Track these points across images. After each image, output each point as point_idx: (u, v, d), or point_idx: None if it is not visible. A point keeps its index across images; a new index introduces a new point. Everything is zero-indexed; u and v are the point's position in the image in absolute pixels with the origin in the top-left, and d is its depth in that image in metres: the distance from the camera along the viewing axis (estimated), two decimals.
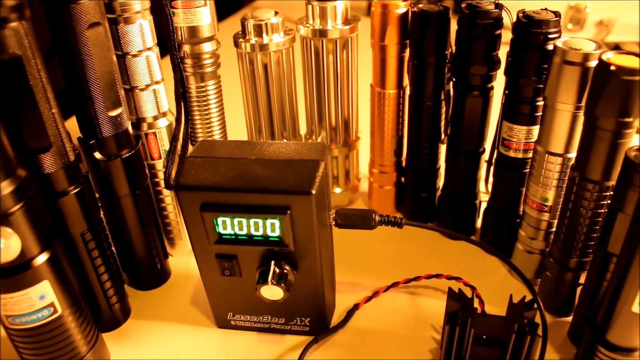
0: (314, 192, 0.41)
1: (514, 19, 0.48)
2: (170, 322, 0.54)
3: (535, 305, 0.46)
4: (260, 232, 0.44)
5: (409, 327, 0.51)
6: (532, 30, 0.47)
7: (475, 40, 0.50)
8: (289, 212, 0.42)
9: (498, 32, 0.50)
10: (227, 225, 0.44)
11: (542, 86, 0.48)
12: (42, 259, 0.41)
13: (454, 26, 0.52)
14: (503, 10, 0.49)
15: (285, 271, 0.45)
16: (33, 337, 0.43)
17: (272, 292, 0.45)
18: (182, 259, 0.61)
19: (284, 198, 0.42)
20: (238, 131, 0.67)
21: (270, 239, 0.44)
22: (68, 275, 0.44)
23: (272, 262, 0.45)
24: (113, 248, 0.53)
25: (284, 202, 0.42)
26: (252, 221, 0.43)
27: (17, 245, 0.39)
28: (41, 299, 0.41)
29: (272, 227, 0.43)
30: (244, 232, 0.44)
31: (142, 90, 0.51)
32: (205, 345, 0.51)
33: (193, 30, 0.53)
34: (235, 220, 0.44)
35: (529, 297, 0.49)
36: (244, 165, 0.43)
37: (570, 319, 0.51)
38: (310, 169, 0.43)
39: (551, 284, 0.51)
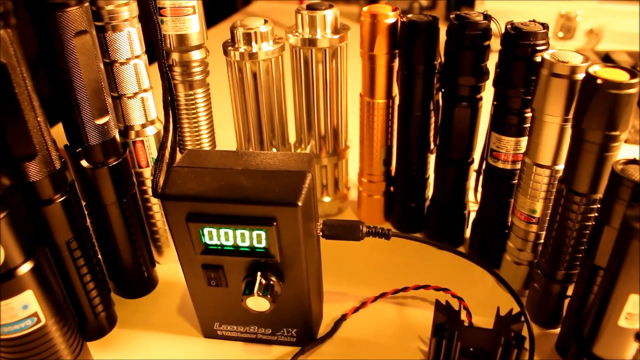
0: (300, 203, 0.41)
1: (503, 30, 0.48)
2: (156, 331, 0.53)
3: (523, 318, 0.46)
4: (247, 243, 0.44)
5: (397, 337, 0.51)
6: (520, 42, 0.47)
7: (463, 51, 0.50)
8: (275, 223, 0.42)
9: (486, 43, 0.50)
10: (213, 235, 0.44)
11: (530, 98, 0.48)
12: (25, 268, 0.40)
13: (443, 36, 0.52)
14: (492, 21, 0.49)
15: (271, 282, 0.45)
16: (16, 347, 0.42)
17: (258, 303, 0.45)
18: (170, 267, 0.61)
19: (269, 209, 0.42)
20: (227, 139, 0.67)
21: (257, 249, 0.44)
22: (52, 284, 0.43)
23: (259, 273, 0.45)
24: (99, 256, 0.53)
25: (269, 213, 0.42)
26: (238, 232, 0.43)
27: (0, 256, 0.38)
28: (24, 309, 0.41)
29: (258, 238, 0.43)
30: (230, 242, 0.44)
31: (130, 98, 0.51)
32: (191, 355, 0.51)
33: (182, 39, 0.52)
34: (222, 231, 0.43)
35: (516, 309, 0.49)
36: (231, 175, 0.43)
37: (558, 330, 0.51)
38: (297, 180, 0.42)
39: (539, 295, 0.51)
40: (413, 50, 0.53)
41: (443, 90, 0.54)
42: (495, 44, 0.48)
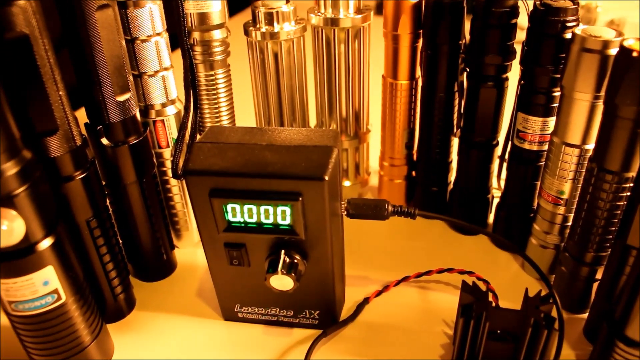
0: (326, 178, 0.40)
1: (531, 8, 0.47)
2: (175, 314, 0.52)
3: (552, 300, 0.45)
4: (271, 220, 0.43)
5: (420, 321, 0.50)
6: (549, 18, 0.46)
7: (490, 30, 0.49)
8: (300, 198, 0.41)
9: (514, 21, 0.49)
10: (236, 212, 0.43)
11: (559, 76, 0.47)
12: (46, 243, 0.40)
13: (468, 16, 0.51)
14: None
15: (295, 261, 0.44)
16: (36, 324, 0.42)
17: (281, 282, 0.44)
18: (189, 251, 0.60)
19: (295, 184, 0.41)
20: (247, 121, 0.65)
21: (281, 227, 0.43)
22: (72, 261, 0.43)
23: (282, 251, 0.44)
24: (119, 237, 0.52)
25: (295, 188, 0.41)
26: (262, 208, 0.42)
27: (21, 229, 0.38)
28: (45, 285, 0.40)
29: (282, 214, 0.42)
30: (254, 219, 0.43)
31: (150, 76, 0.50)
32: (211, 338, 0.50)
33: (203, 17, 0.52)
34: (245, 207, 0.42)
35: (544, 291, 0.48)
36: (255, 150, 0.42)
37: (585, 315, 0.49)
38: (323, 155, 0.41)
39: (566, 279, 0.49)
40: (438, 30, 0.52)
41: (467, 70, 0.53)
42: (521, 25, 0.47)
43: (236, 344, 0.49)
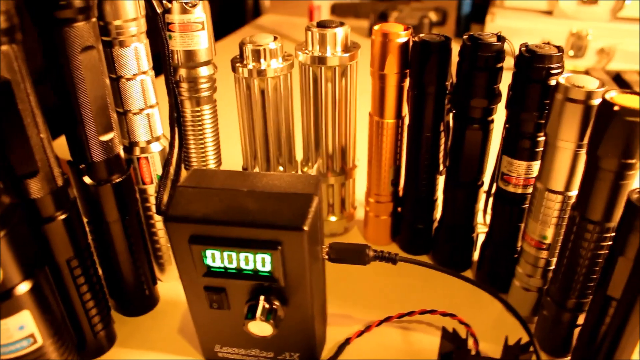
0: (306, 228, 0.40)
1: (517, 52, 0.48)
2: (156, 352, 0.52)
3: (532, 348, 0.45)
4: (251, 267, 0.43)
5: None
6: (534, 65, 0.46)
7: (476, 73, 0.49)
8: (280, 247, 0.41)
9: (500, 65, 0.49)
10: (216, 258, 0.43)
11: (543, 121, 0.47)
12: (23, 288, 0.39)
13: (455, 57, 0.51)
14: (505, 43, 0.48)
15: (274, 306, 0.44)
16: None
17: (260, 328, 0.44)
18: (172, 285, 0.60)
19: (275, 233, 0.41)
20: (233, 157, 0.66)
21: (261, 273, 0.43)
22: (51, 304, 0.42)
23: (262, 298, 0.44)
24: (100, 273, 0.52)
25: (275, 237, 0.41)
26: (242, 255, 0.42)
27: None
28: (20, 330, 0.40)
29: (262, 262, 0.42)
30: (234, 265, 0.43)
31: (135, 114, 0.50)
32: None
33: (190, 54, 0.52)
34: (225, 253, 0.42)
35: (524, 338, 0.48)
36: (236, 197, 0.42)
37: (568, 359, 0.49)
38: (303, 204, 0.41)
39: (548, 323, 0.49)
40: (424, 70, 0.52)
41: (454, 111, 0.53)
42: (507, 64, 0.47)
43: None
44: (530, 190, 0.51)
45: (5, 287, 0.38)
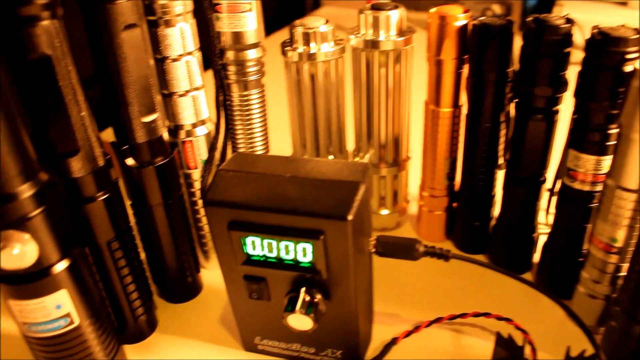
0: (350, 217, 0.37)
1: (587, 36, 0.43)
2: (196, 340, 0.51)
3: None
4: (291, 257, 0.41)
5: None
6: (607, 49, 0.41)
7: (541, 59, 0.45)
8: (322, 237, 0.39)
9: (567, 50, 0.45)
10: (256, 246, 0.41)
11: (616, 112, 0.43)
12: (60, 267, 0.39)
13: (518, 42, 0.47)
14: (574, 26, 0.44)
15: (315, 300, 0.42)
16: (49, 346, 0.41)
17: (300, 321, 0.42)
18: (216, 273, 0.58)
19: (317, 222, 0.38)
20: (282, 143, 0.64)
21: (302, 264, 0.41)
22: (88, 285, 0.42)
23: (303, 289, 0.42)
24: (143, 258, 0.51)
25: (317, 226, 0.39)
26: (282, 244, 0.40)
27: (34, 252, 0.37)
28: (57, 309, 0.40)
29: (303, 252, 0.40)
30: (274, 254, 0.41)
31: (180, 96, 0.49)
32: None
33: (237, 36, 0.50)
34: (265, 241, 0.40)
35: (589, 349, 0.44)
36: (277, 183, 0.40)
37: None
38: (349, 192, 0.39)
39: (617, 336, 0.45)
40: (484, 56, 0.48)
41: (516, 100, 0.49)
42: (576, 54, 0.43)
43: None
44: (598, 187, 0.47)
45: (42, 265, 0.38)
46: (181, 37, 0.46)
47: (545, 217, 0.58)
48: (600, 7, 1.04)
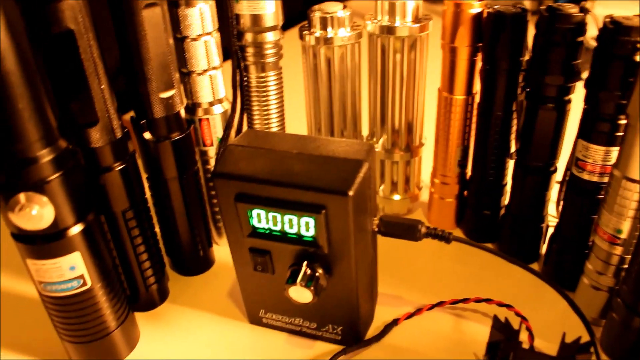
0: (351, 193, 0.39)
1: (600, 25, 0.43)
2: (204, 311, 0.53)
3: (592, 350, 0.41)
4: (295, 230, 0.42)
5: (449, 351, 0.47)
6: (619, 38, 0.41)
7: (553, 47, 0.45)
8: (324, 211, 0.40)
9: (580, 39, 0.45)
10: (261, 218, 0.42)
11: (626, 102, 0.43)
12: (75, 230, 0.41)
13: (532, 31, 0.48)
14: (588, 15, 0.44)
15: (317, 274, 0.43)
16: (62, 306, 0.43)
17: (300, 294, 0.43)
18: (228, 250, 0.59)
19: (319, 196, 0.40)
20: (298, 126, 0.65)
21: (305, 238, 0.42)
22: (102, 250, 0.44)
23: (305, 263, 0.43)
24: (157, 230, 0.53)
25: (319, 200, 0.40)
26: (286, 217, 0.41)
27: (50, 215, 0.39)
28: (71, 270, 0.42)
29: (306, 225, 0.41)
30: (278, 227, 0.42)
31: (199, 75, 0.50)
32: (235, 340, 0.50)
33: (256, 19, 0.51)
34: (270, 214, 0.42)
35: (586, 338, 0.44)
36: (284, 158, 0.42)
37: None
38: (352, 169, 0.40)
39: (617, 327, 0.45)
40: (498, 43, 0.49)
41: (528, 89, 0.49)
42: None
43: (257, 349, 0.49)
44: (607, 179, 0.47)
45: (58, 227, 0.40)
46: (200, 17, 0.48)
47: (555, 210, 0.58)
48: (635, 3, 1.02)
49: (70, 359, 0.47)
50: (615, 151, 0.45)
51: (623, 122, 0.44)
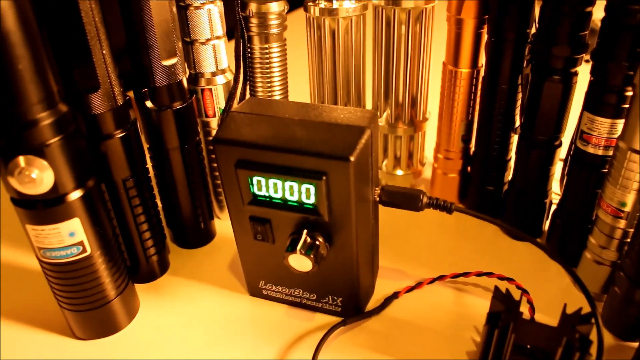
0: (352, 159, 0.38)
1: None
2: (204, 283, 0.53)
3: (593, 321, 0.40)
4: (295, 198, 0.42)
5: (450, 324, 0.47)
6: (628, 7, 0.41)
7: (560, 17, 0.45)
8: (324, 177, 0.39)
9: (588, 9, 0.44)
10: (262, 185, 0.42)
11: (632, 73, 0.42)
12: (75, 195, 0.41)
13: (539, 3, 0.47)
14: None
15: (317, 243, 0.43)
16: (61, 272, 0.43)
17: (300, 262, 0.43)
18: (228, 223, 0.59)
19: (320, 162, 0.39)
20: (301, 99, 0.65)
21: (305, 206, 0.42)
22: (101, 217, 0.43)
23: (305, 231, 0.43)
24: (158, 201, 0.53)
25: (320, 166, 0.39)
26: (287, 184, 0.41)
27: (50, 179, 0.39)
28: (71, 236, 0.41)
29: (307, 192, 0.41)
30: (279, 195, 0.42)
31: (202, 44, 0.50)
32: (234, 312, 0.50)
33: None
34: (270, 181, 0.41)
35: (586, 310, 0.44)
36: (286, 125, 0.41)
37: (636, 344, 0.44)
38: (354, 135, 0.40)
39: (619, 301, 0.45)
40: (504, 16, 0.48)
41: (534, 62, 0.48)
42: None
43: (257, 321, 0.49)
44: (612, 152, 0.46)
45: (57, 192, 0.40)
46: None
47: (560, 187, 0.57)
48: None
49: (70, 328, 0.47)
50: (621, 124, 0.45)
51: (630, 93, 0.44)
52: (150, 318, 0.49)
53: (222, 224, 0.60)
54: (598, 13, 0.44)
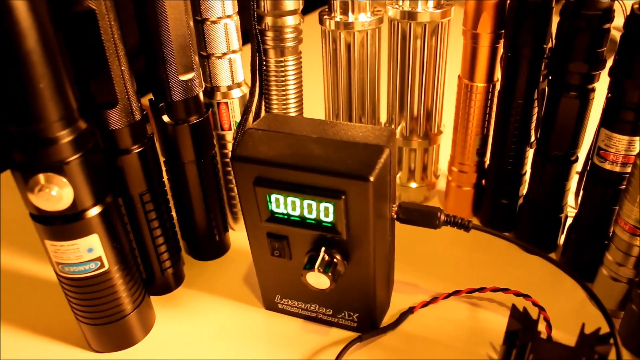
0: (372, 179, 0.38)
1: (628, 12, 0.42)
2: (219, 296, 0.53)
3: (612, 341, 0.40)
4: (314, 216, 0.42)
5: (465, 340, 0.47)
6: None
7: (578, 34, 0.44)
8: (343, 197, 0.39)
9: (606, 26, 0.44)
10: (280, 203, 0.42)
11: None
12: (94, 212, 0.41)
13: (556, 19, 0.47)
14: (616, 2, 0.43)
15: (335, 260, 0.43)
16: (79, 287, 0.43)
17: (317, 280, 0.43)
18: (243, 235, 0.59)
19: (339, 182, 0.39)
20: (315, 113, 0.65)
21: (323, 224, 0.42)
22: (119, 232, 0.44)
23: (323, 249, 0.43)
24: (174, 214, 0.53)
25: (339, 186, 0.39)
26: (305, 202, 0.41)
27: (69, 196, 0.39)
28: (89, 252, 0.42)
29: (325, 211, 0.41)
30: (297, 213, 0.42)
31: (218, 58, 0.50)
32: (249, 326, 0.50)
33: (276, 3, 0.51)
34: (289, 199, 0.42)
35: (605, 329, 0.44)
36: (304, 142, 0.41)
37: None
38: (372, 154, 0.40)
39: (636, 319, 0.44)
40: (520, 31, 0.48)
41: (550, 77, 0.48)
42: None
43: (273, 335, 0.49)
44: (629, 169, 0.46)
45: (76, 208, 0.40)
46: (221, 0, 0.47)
47: (575, 201, 0.57)
48: None
49: (87, 341, 0.48)
50: (638, 141, 0.45)
51: None
52: (165, 331, 0.50)
53: (237, 236, 0.60)
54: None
